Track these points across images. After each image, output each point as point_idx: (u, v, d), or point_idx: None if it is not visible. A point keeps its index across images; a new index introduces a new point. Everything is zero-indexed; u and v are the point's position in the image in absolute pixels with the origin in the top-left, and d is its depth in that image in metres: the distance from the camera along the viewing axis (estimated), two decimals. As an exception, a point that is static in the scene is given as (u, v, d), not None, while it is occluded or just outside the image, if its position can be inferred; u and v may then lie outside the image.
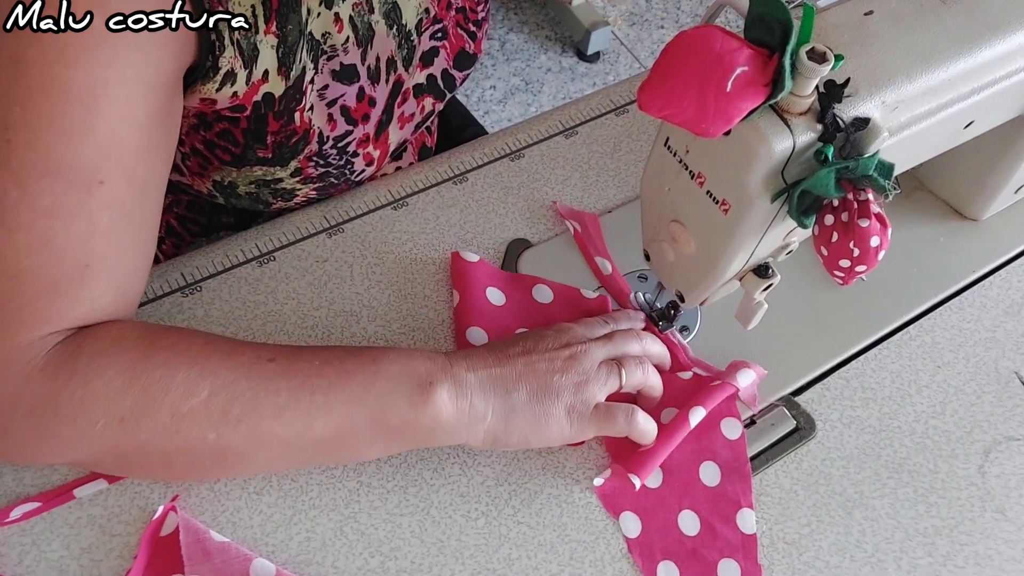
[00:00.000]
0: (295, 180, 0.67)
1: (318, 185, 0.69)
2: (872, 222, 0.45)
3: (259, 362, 0.53)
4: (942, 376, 0.67)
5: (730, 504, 0.59)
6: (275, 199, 0.69)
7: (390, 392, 0.53)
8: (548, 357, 0.57)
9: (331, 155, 0.67)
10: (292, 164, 0.65)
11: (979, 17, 0.52)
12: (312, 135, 0.65)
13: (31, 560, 0.53)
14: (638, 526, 0.58)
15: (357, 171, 0.71)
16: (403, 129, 0.74)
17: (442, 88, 0.75)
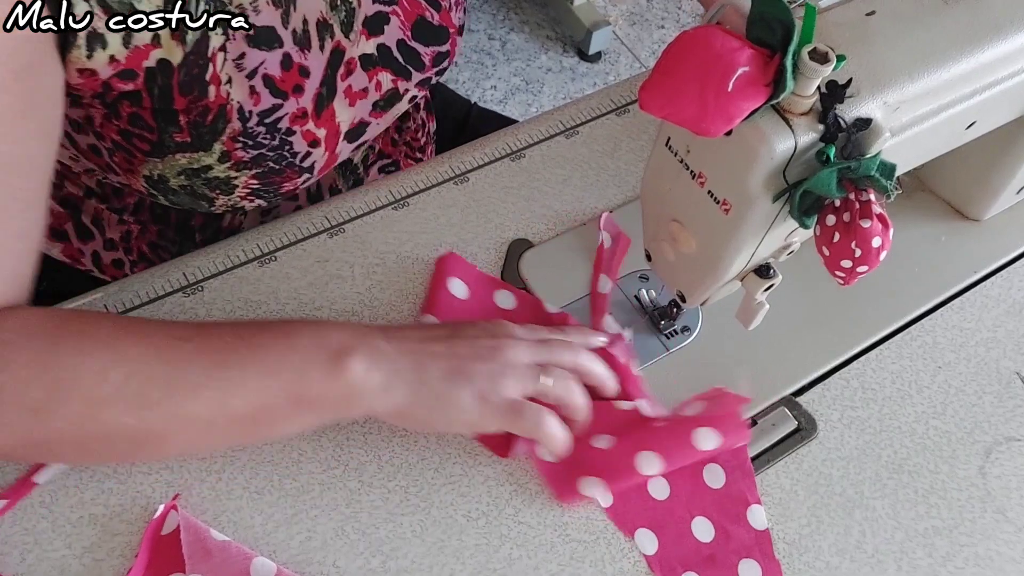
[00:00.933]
0: (226, 167, 0.63)
1: (256, 171, 0.64)
2: (874, 222, 0.45)
3: (172, 342, 0.52)
4: (943, 376, 0.67)
5: (738, 503, 0.59)
6: (213, 192, 0.65)
7: (304, 363, 0.52)
8: (472, 343, 0.56)
9: (260, 133, 0.62)
10: (216, 147, 0.61)
11: (981, 17, 0.52)
12: (231, 111, 0.60)
13: (33, 559, 0.54)
14: (654, 542, 0.57)
15: (300, 153, 0.65)
16: (355, 106, 0.67)
17: (403, 63, 0.69)
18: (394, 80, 0.69)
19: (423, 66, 0.71)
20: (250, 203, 0.68)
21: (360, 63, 0.66)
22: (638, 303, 0.68)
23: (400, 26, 0.68)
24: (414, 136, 0.83)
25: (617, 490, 0.58)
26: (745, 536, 0.58)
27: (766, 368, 0.66)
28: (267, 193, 0.67)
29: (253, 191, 0.66)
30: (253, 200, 0.67)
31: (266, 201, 0.68)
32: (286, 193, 0.68)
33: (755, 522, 0.58)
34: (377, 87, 0.68)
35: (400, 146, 0.82)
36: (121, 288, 0.65)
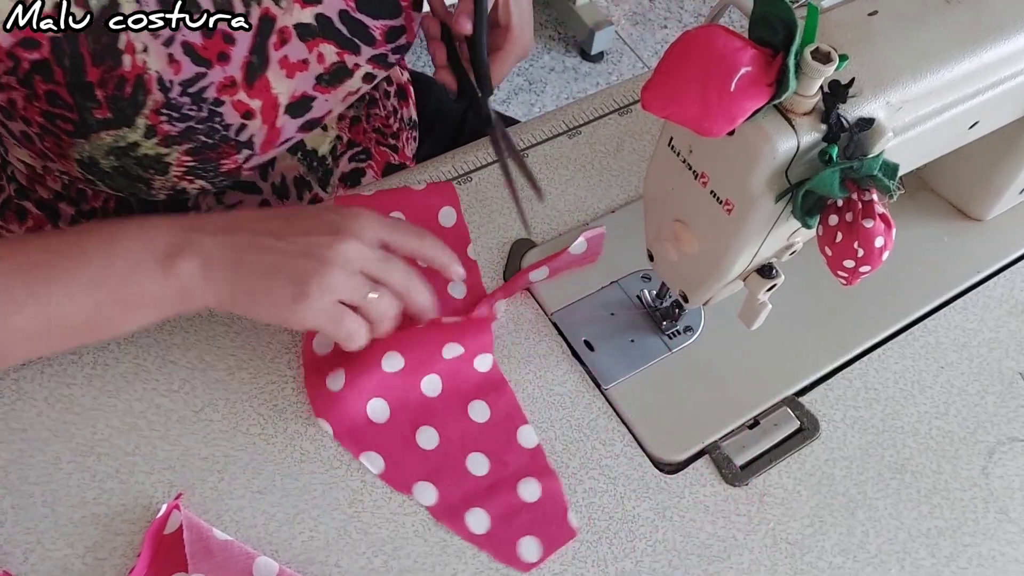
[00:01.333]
0: (154, 143, 0.60)
1: (188, 146, 0.62)
2: (876, 222, 0.44)
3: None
4: (945, 377, 0.67)
5: (507, 430, 0.60)
6: (147, 171, 0.62)
7: (132, 269, 0.53)
8: (304, 240, 0.55)
9: (184, 104, 0.59)
10: (140, 121, 0.59)
11: (984, 17, 0.52)
12: (150, 81, 0.57)
13: (36, 559, 0.54)
14: (433, 491, 0.58)
15: (233, 125, 0.62)
16: (294, 78, 0.65)
17: (348, 36, 0.66)
18: (339, 53, 0.66)
19: (373, 40, 0.68)
20: (191, 184, 0.65)
21: (296, 33, 0.63)
22: (640, 303, 0.68)
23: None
24: (385, 123, 0.82)
25: (387, 455, 0.59)
26: (519, 457, 0.59)
27: (768, 368, 0.66)
28: (206, 172, 0.65)
29: (190, 169, 0.64)
30: (193, 181, 0.65)
31: (209, 183, 0.66)
32: (228, 172, 0.66)
33: (525, 441, 0.60)
34: (319, 59, 0.66)
35: (370, 133, 0.80)
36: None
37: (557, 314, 0.67)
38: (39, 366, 0.61)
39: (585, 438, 0.62)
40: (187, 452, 0.58)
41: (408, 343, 0.60)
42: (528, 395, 0.63)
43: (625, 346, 0.66)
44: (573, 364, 0.65)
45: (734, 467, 0.61)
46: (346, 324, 0.55)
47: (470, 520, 0.57)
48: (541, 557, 0.56)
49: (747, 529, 0.59)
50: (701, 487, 0.60)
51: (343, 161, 0.79)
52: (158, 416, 0.60)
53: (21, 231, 0.75)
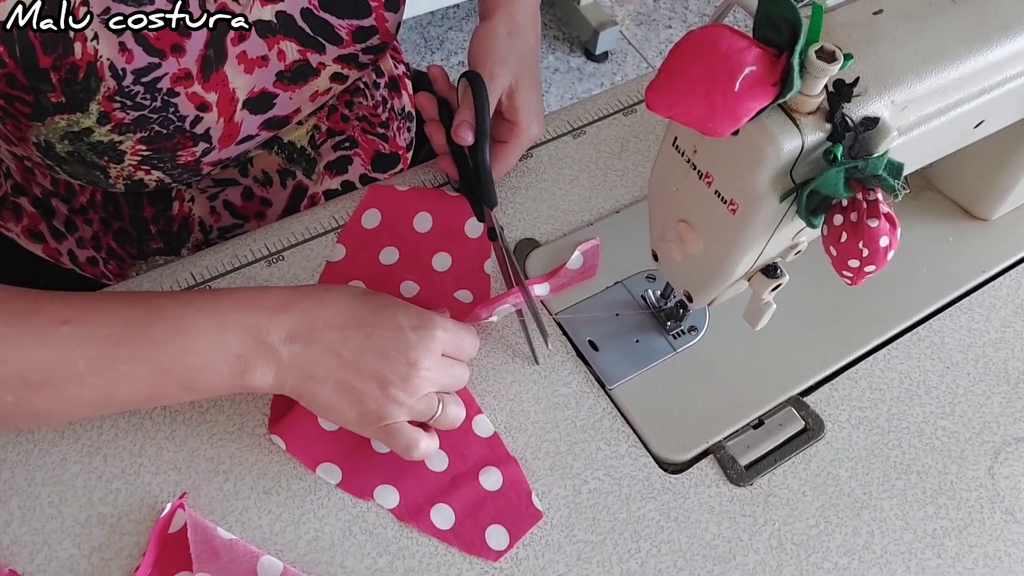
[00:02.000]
0: (107, 129, 0.60)
1: (142, 135, 0.61)
2: (881, 222, 0.44)
3: (53, 326, 0.52)
4: (951, 377, 0.67)
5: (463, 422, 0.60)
6: (102, 159, 0.62)
7: (200, 367, 0.54)
8: (383, 364, 0.55)
9: (138, 93, 0.59)
10: (93, 107, 0.59)
11: (989, 16, 0.52)
12: (102, 68, 0.57)
13: (42, 559, 0.54)
14: (394, 493, 0.58)
15: (188, 117, 0.62)
16: (252, 74, 0.64)
17: (310, 34, 0.66)
18: (302, 51, 0.66)
19: (339, 39, 0.68)
20: (148, 175, 0.65)
21: (256, 29, 0.63)
22: (644, 303, 0.68)
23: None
24: (372, 112, 0.81)
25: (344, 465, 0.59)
26: (477, 448, 0.60)
27: (773, 368, 0.66)
28: (162, 163, 0.64)
29: (145, 159, 0.63)
30: (150, 171, 0.65)
31: (167, 175, 0.66)
32: (186, 164, 0.65)
33: (482, 431, 0.60)
34: (280, 56, 0.66)
35: (353, 122, 0.80)
36: (128, 288, 0.65)
37: (561, 314, 0.67)
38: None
39: (590, 438, 0.62)
40: (193, 453, 0.59)
41: None
42: (532, 395, 0.63)
43: (630, 346, 0.66)
44: (578, 364, 0.65)
45: (739, 467, 0.61)
46: (402, 438, 0.56)
47: (435, 517, 0.57)
48: (509, 544, 0.57)
49: (752, 529, 0.59)
50: (706, 487, 0.60)
51: (325, 149, 0.78)
52: (164, 417, 0.60)
53: (18, 229, 0.75)
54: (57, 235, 0.76)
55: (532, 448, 0.61)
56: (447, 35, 2.04)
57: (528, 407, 0.63)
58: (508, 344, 0.65)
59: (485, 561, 0.56)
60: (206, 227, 0.76)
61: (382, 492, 0.58)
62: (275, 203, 0.77)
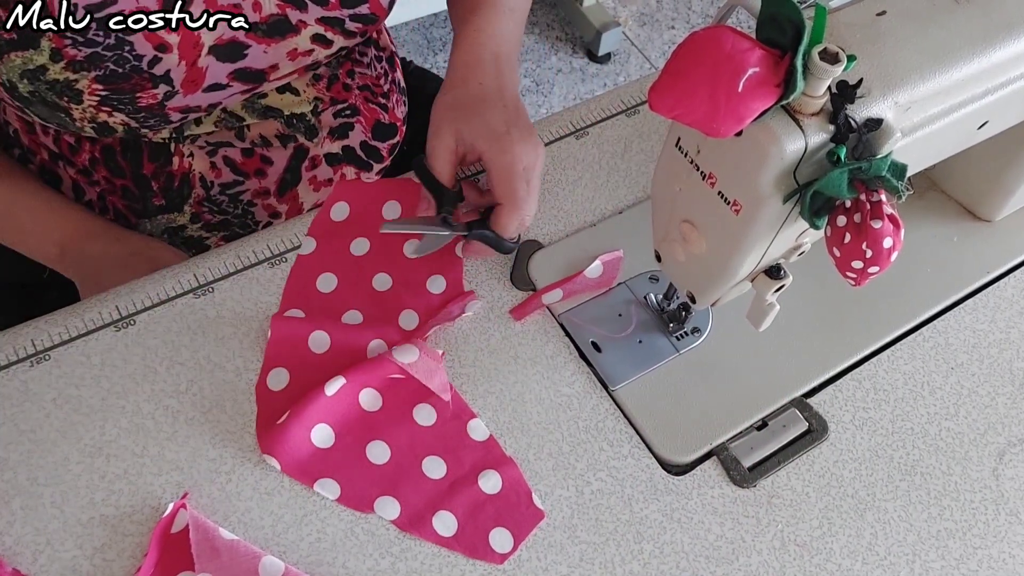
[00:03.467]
0: (61, 66, 0.60)
1: (96, 73, 0.61)
2: (885, 223, 0.44)
3: None
4: (955, 378, 0.67)
5: (456, 427, 0.60)
6: (62, 99, 0.62)
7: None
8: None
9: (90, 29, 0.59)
10: (44, 44, 0.59)
11: (993, 16, 0.52)
12: (52, 4, 0.57)
13: (45, 560, 0.54)
14: (395, 505, 0.57)
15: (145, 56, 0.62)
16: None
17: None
18: (280, 6, 0.65)
19: (325, 1, 0.67)
20: (110, 117, 0.64)
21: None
22: (647, 304, 0.68)
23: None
24: (374, 82, 0.80)
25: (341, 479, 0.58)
26: (473, 453, 0.59)
27: (777, 369, 0.66)
28: (123, 105, 0.64)
29: (104, 99, 0.63)
30: (112, 113, 0.64)
31: (132, 119, 0.65)
32: (149, 108, 0.64)
33: (477, 435, 0.60)
34: (255, 7, 0.64)
35: (355, 91, 0.79)
36: (131, 289, 0.65)
37: (564, 315, 0.67)
38: (47, 367, 0.61)
39: (592, 439, 0.62)
40: (195, 453, 0.59)
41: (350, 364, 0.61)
42: (535, 396, 0.63)
43: (633, 347, 0.66)
44: (580, 365, 0.65)
45: (742, 469, 0.61)
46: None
47: (437, 524, 0.57)
48: (514, 546, 0.56)
49: (755, 531, 0.59)
50: (709, 489, 0.60)
51: (326, 117, 0.78)
52: (166, 417, 0.60)
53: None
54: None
55: (535, 449, 0.61)
56: (450, 36, 2.04)
57: (530, 408, 0.62)
58: (510, 345, 0.65)
59: (489, 563, 0.56)
60: (207, 182, 0.75)
61: (382, 504, 0.58)
62: (276, 162, 0.77)
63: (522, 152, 0.63)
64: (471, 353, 0.65)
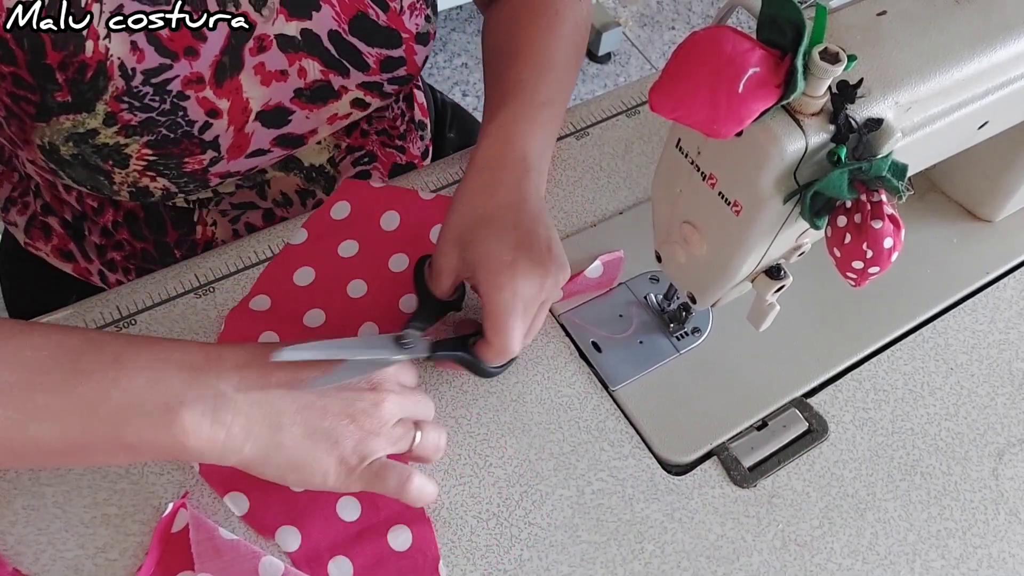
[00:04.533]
0: (113, 131, 0.59)
1: (148, 138, 0.60)
2: (885, 223, 0.44)
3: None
4: (955, 378, 0.67)
5: None
6: (106, 163, 0.61)
7: (127, 408, 0.46)
8: (344, 397, 0.50)
9: (147, 94, 0.58)
10: (100, 108, 0.58)
11: (993, 17, 0.52)
12: (111, 68, 0.57)
13: (47, 559, 0.54)
14: (297, 536, 0.54)
15: (197, 122, 0.61)
16: (269, 87, 0.64)
17: (336, 56, 0.64)
18: (324, 72, 0.65)
19: (366, 67, 0.67)
20: (153, 182, 0.64)
21: (277, 43, 0.62)
22: (648, 304, 0.68)
23: (334, 17, 0.63)
24: (391, 124, 0.80)
25: (253, 496, 0.55)
26: (393, 503, 0.55)
27: (777, 369, 0.66)
28: (168, 170, 0.63)
29: (151, 164, 0.62)
30: (155, 178, 0.63)
31: (173, 183, 0.64)
32: (192, 173, 0.64)
33: None
34: (301, 73, 0.65)
35: (372, 136, 0.79)
36: (133, 290, 0.66)
37: (565, 316, 0.67)
38: (50, 367, 0.61)
39: (593, 439, 0.62)
40: (197, 453, 0.59)
41: None
42: (536, 397, 0.63)
43: (633, 348, 0.66)
44: (581, 366, 0.65)
45: (743, 468, 0.61)
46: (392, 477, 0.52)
47: (332, 569, 0.54)
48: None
49: (756, 531, 0.59)
50: (710, 489, 0.60)
51: (345, 166, 0.78)
52: (168, 417, 0.60)
53: (47, 249, 0.76)
54: (87, 257, 0.76)
55: (536, 449, 0.61)
56: (450, 36, 2.04)
57: (531, 408, 0.63)
58: (512, 345, 0.65)
59: (491, 563, 0.56)
60: None
61: (284, 533, 0.54)
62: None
63: (525, 286, 0.55)
64: (472, 353, 0.65)
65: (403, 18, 0.67)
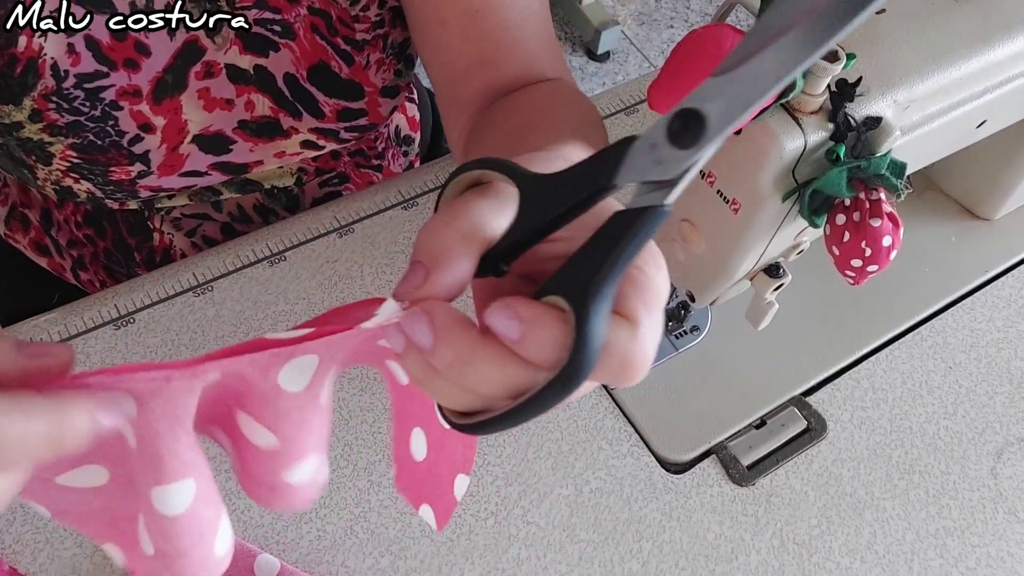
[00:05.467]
0: (38, 127, 0.58)
1: (74, 140, 0.59)
2: (884, 221, 0.44)
3: None
4: (954, 377, 0.67)
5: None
6: (30, 157, 0.60)
7: None
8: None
9: (77, 98, 0.57)
10: (27, 103, 0.56)
11: (992, 16, 0.52)
12: (43, 66, 0.55)
13: (44, 558, 0.54)
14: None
15: (127, 133, 0.60)
16: (212, 112, 0.62)
17: (289, 99, 0.63)
18: (274, 110, 0.63)
19: (321, 114, 0.64)
20: (77, 184, 0.62)
21: (227, 72, 0.61)
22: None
23: (293, 61, 0.61)
24: (370, 144, 0.77)
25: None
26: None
27: (775, 368, 0.66)
28: (92, 174, 0.62)
29: (74, 166, 0.61)
30: (79, 180, 0.62)
31: (98, 188, 0.63)
32: (118, 181, 0.63)
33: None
34: (248, 106, 0.63)
35: (344, 158, 0.75)
36: (131, 288, 0.65)
37: (563, 314, 0.67)
38: (47, 366, 0.61)
39: (592, 438, 0.62)
40: (194, 452, 0.59)
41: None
42: (535, 395, 0.63)
43: (632, 346, 0.66)
44: (580, 364, 0.65)
45: (741, 467, 0.61)
46: None
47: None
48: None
49: (754, 529, 0.59)
50: (708, 487, 0.60)
51: (311, 187, 0.75)
52: (165, 416, 0.60)
53: (25, 241, 0.75)
54: (60, 253, 0.76)
55: (534, 448, 0.61)
56: (449, 35, 2.04)
57: (530, 407, 0.62)
58: (510, 344, 0.65)
59: (489, 562, 0.56)
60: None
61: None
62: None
63: None
64: (470, 352, 0.65)
65: (368, 73, 0.64)
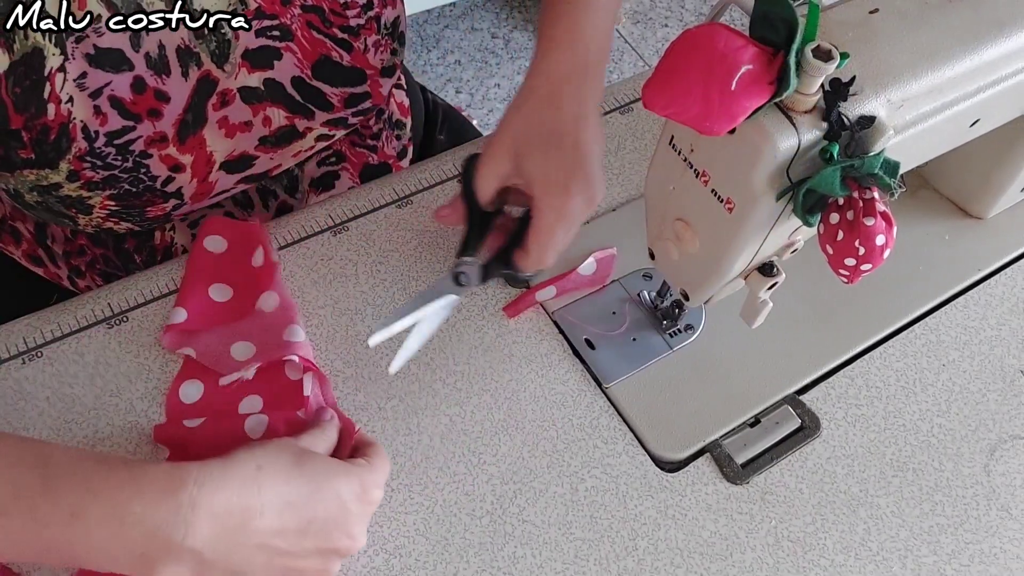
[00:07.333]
0: (76, 186, 0.60)
1: (111, 192, 0.61)
2: (877, 220, 0.44)
3: None
4: (947, 375, 0.67)
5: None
6: (69, 210, 0.62)
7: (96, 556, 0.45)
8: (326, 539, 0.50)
9: (110, 154, 0.59)
10: (63, 166, 0.58)
11: (985, 15, 0.52)
12: (74, 130, 0.57)
13: (38, 558, 0.54)
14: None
15: (159, 177, 0.62)
16: (233, 138, 0.64)
17: (300, 101, 0.65)
18: (289, 117, 0.66)
19: (330, 106, 0.67)
20: (117, 225, 0.65)
21: (240, 96, 0.63)
22: (641, 302, 0.68)
23: (296, 63, 0.64)
24: (363, 123, 0.78)
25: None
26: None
27: (769, 366, 0.66)
28: (131, 216, 0.64)
29: (114, 212, 0.63)
30: (119, 223, 0.65)
31: (137, 225, 0.66)
32: (155, 217, 0.65)
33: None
34: (265, 122, 0.65)
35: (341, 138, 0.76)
36: (124, 287, 0.65)
37: (558, 313, 0.67)
38: (40, 364, 0.61)
39: (586, 437, 0.62)
40: (189, 451, 0.58)
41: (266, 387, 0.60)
42: (529, 394, 0.63)
43: (626, 345, 0.66)
44: (574, 363, 0.65)
45: (735, 465, 0.61)
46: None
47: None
48: None
49: (749, 527, 0.59)
50: (703, 485, 0.61)
51: (309, 167, 0.77)
52: (160, 415, 0.60)
53: (19, 252, 0.75)
54: (55, 262, 0.75)
55: (529, 447, 0.61)
56: (443, 33, 2.04)
57: (525, 406, 0.63)
58: (504, 343, 0.65)
59: (485, 560, 0.56)
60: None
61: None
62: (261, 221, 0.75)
63: (575, 208, 0.57)
64: (465, 351, 0.65)
65: (367, 56, 0.66)
